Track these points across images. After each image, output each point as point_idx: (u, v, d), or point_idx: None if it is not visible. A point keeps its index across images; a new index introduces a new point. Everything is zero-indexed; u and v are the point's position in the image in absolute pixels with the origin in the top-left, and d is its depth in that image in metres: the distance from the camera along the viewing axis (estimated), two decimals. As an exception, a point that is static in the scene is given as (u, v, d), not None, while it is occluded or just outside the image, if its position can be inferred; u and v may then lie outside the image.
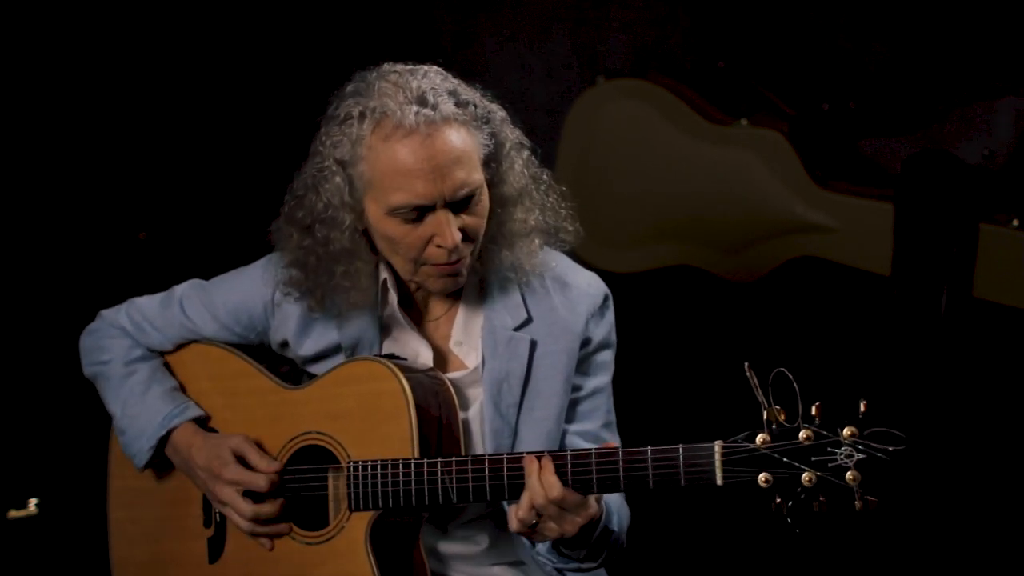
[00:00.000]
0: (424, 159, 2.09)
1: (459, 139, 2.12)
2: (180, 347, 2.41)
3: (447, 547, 2.33)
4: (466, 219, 2.15)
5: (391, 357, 2.23)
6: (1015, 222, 4.11)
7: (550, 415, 2.24)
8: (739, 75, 4.68)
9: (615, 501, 2.23)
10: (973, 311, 4.15)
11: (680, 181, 4.53)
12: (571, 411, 2.28)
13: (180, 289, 2.41)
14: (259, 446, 2.28)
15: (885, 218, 4.25)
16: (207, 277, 2.42)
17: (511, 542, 2.31)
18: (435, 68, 2.19)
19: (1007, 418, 3.97)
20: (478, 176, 2.14)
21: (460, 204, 2.13)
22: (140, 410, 2.33)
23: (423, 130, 2.09)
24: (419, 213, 2.12)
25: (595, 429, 2.30)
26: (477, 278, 2.27)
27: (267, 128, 4.46)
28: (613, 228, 4.58)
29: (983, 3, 4.46)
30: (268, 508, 2.24)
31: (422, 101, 2.10)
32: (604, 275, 2.34)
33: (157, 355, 2.41)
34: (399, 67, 2.18)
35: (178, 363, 2.41)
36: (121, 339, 2.40)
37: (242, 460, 2.26)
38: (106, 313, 2.45)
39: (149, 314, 2.40)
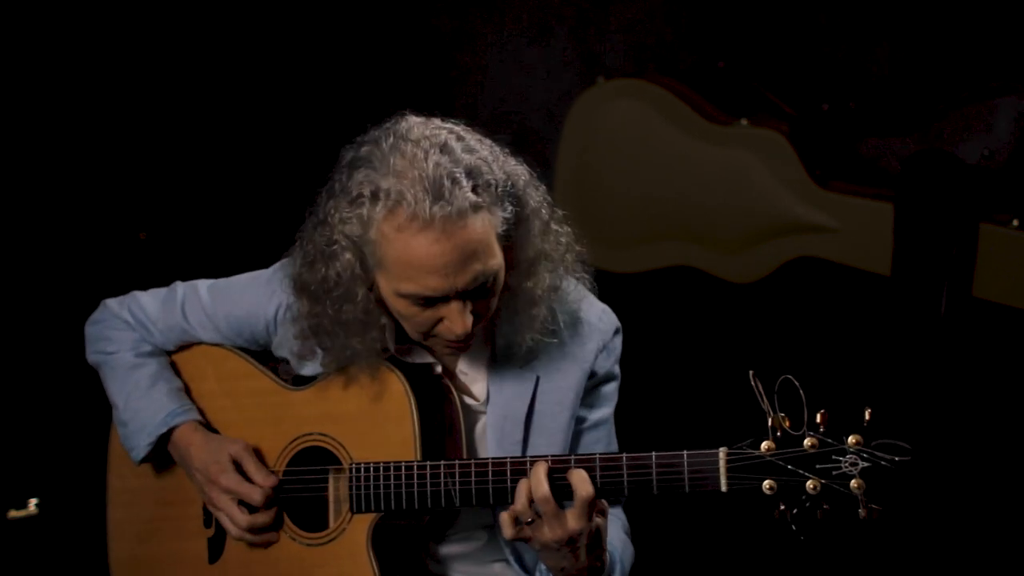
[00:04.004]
0: (438, 255, 1.97)
1: (477, 229, 1.99)
2: (184, 347, 2.40)
3: (446, 548, 2.32)
4: (478, 303, 2.07)
5: (394, 359, 2.23)
6: (1015, 222, 4.11)
7: (554, 451, 2.21)
8: (739, 75, 4.68)
9: (618, 547, 2.22)
10: (973, 311, 4.15)
11: (680, 181, 4.53)
12: (572, 442, 2.25)
13: (182, 290, 2.38)
14: (261, 448, 2.28)
15: (885, 218, 4.25)
16: (207, 277, 2.41)
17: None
18: (457, 132, 2.05)
19: (1007, 419, 3.97)
20: (495, 261, 2.04)
21: (474, 292, 2.04)
22: (144, 404, 2.32)
23: (439, 225, 1.95)
24: (429, 300, 2.04)
25: None
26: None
27: (267, 128, 4.47)
28: (613, 228, 4.58)
29: (983, 3, 4.46)
30: (263, 518, 2.24)
31: (439, 192, 1.95)
32: (603, 275, 2.32)
33: (164, 353, 2.41)
34: (416, 130, 2.03)
35: (184, 362, 2.40)
36: (128, 331, 2.39)
37: (240, 467, 2.25)
38: (110, 303, 2.42)
39: (150, 312, 2.38)
